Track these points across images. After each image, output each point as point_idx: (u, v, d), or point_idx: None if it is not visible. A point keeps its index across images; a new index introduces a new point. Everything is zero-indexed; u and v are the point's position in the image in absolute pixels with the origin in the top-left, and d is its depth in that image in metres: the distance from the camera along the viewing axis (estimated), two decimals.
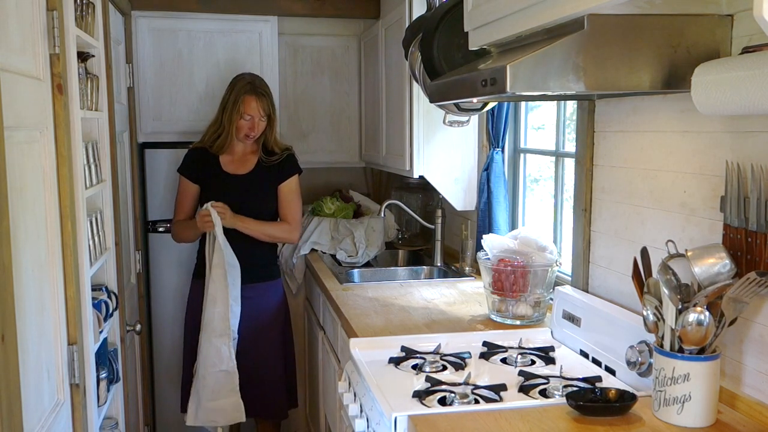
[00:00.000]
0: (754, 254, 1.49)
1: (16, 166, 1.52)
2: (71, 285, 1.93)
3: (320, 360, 3.16)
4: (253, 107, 2.97)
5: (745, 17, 1.53)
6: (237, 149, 3.10)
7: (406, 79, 3.05)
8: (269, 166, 3.09)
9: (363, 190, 4.35)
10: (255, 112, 2.98)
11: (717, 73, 1.39)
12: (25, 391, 1.49)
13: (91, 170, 2.33)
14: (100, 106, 2.50)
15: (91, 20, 2.37)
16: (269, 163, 3.08)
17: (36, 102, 1.74)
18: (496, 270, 2.39)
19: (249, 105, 2.97)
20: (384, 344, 2.17)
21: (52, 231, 1.84)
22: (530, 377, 1.89)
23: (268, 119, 3.04)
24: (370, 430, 1.84)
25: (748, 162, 1.52)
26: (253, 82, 3.02)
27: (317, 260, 3.50)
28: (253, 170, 3.07)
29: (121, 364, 2.69)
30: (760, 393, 1.55)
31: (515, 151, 3.05)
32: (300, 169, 3.16)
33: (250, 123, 2.99)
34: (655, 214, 1.89)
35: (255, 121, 2.99)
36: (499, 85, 1.51)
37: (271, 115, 3.04)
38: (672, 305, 1.54)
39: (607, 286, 2.14)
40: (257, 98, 2.98)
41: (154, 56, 3.63)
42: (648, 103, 1.91)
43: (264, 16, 3.74)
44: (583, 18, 1.48)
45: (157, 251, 3.66)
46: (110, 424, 2.57)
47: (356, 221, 3.67)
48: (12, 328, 1.36)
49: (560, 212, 2.66)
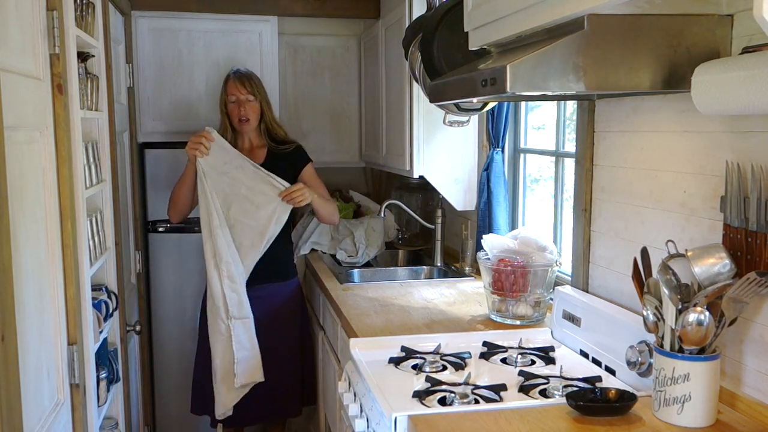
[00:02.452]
0: (754, 254, 1.49)
1: (16, 166, 1.52)
2: (71, 285, 1.93)
3: (320, 360, 3.16)
4: (235, 87, 3.04)
5: (745, 17, 1.53)
6: (244, 144, 3.11)
7: (406, 79, 3.05)
8: (280, 154, 3.08)
9: (363, 190, 4.35)
10: (236, 91, 3.04)
11: (717, 73, 1.39)
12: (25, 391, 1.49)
13: (91, 170, 2.33)
14: (100, 106, 2.50)
15: (91, 20, 2.38)
16: (279, 151, 3.09)
17: (36, 102, 1.74)
18: (496, 270, 2.39)
19: (231, 87, 3.05)
20: (384, 344, 2.17)
21: (52, 231, 1.84)
22: (530, 377, 1.89)
23: (257, 100, 3.06)
24: (370, 430, 1.84)
25: (748, 162, 1.52)
26: (236, 71, 3.12)
27: (317, 260, 3.50)
28: (264, 161, 3.06)
29: (121, 364, 2.69)
30: (760, 393, 1.55)
31: (515, 151, 3.05)
32: (311, 159, 3.17)
33: (237, 104, 3.04)
34: (655, 214, 1.89)
35: (241, 101, 3.03)
36: (499, 85, 1.51)
37: (257, 95, 3.06)
38: (672, 305, 1.54)
39: (607, 286, 2.14)
40: (238, 79, 3.06)
41: (154, 56, 3.63)
42: (648, 103, 1.91)
43: (264, 16, 3.74)
44: (583, 18, 1.48)
45: (157, 251, 3.66)
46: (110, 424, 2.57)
47: (356, 221, 3.68)
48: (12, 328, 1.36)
49: (560, 212, 2.66)
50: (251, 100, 3.04)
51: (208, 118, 3.61)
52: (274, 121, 3.15)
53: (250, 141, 3.11)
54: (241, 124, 3.04)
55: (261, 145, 3.11)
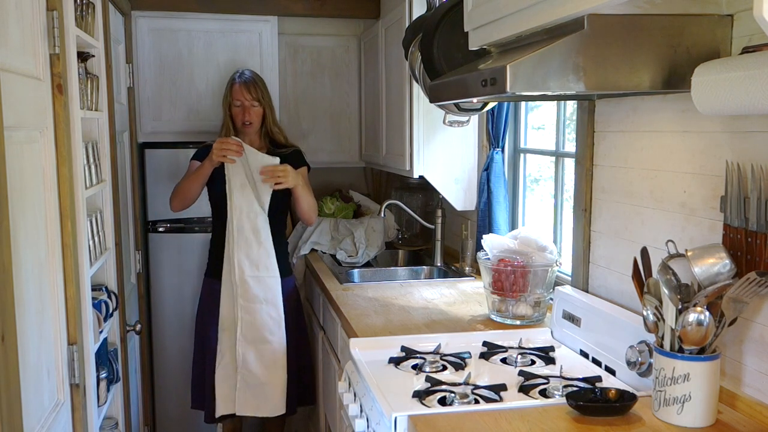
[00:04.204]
0: (754, 254, 1.49)
1: (16, 166, 1.52)
2: (71, 285, 1.93)
3: (320, 360, 3.16)
4: (240, 92, 3.09)
5: (745, 17, 1.53)
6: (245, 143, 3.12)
7: (406, 79, 3.06)
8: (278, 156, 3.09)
9: (363, 190, 4.35)
10: (242, 96, 3.09)
11: (717, 73, 1.39)
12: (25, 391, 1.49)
13: (91, 170, 2.33)
14: (100, 106, 2.50)
15: (91, 20, 2.38)
16: (277, 154, 3.10)
17: (36, 102, 1.74)
18: (496, 270, 2.39)
19: (236, 91, 3.10)
20: (384, 344, 2.17)
21: (52, 231, 1.84)
22: (530, 377, 1.89)
23: (261, 106, 3.10)
24: (370, 430, 1.84)
25: (748, 162, 1.52)
26: (242, 73, 3.17)
27: (317, 260, 3.50)
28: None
29: (121, 364, 2.69)
30: (760, 393, 1.55)
31: (515, 151, 3.05)
32: (308, 164, 3.19)
33: (242, 109, 3.09)
34: (655, 214, 1.89)
35: (245, 105, 3.09)
36: (499, 85, 1.51)
37: (261, 101, 3.11)
38: (672, 305, 1.54)
39: (607, 286, 2.14)
40: (244, 84, 3.11)
41: (154, 56, 3.63)
42: (648, 103, 1.91)
43: (264, 16, 3.74)
44: (583, 18, 1.48)
45: (157, 251, 3.66)
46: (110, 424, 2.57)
47: (356, 221, 3.68)
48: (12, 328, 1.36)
49: (560, 212, 2.66)
50: (255, 106, 3.10)
51: (208, 118, 3.62)
52: (276, 125, 3.18)
53: (250, 141, 3.13)
54: (244, 127, 3.11)
55: (260, 147, 3.14)
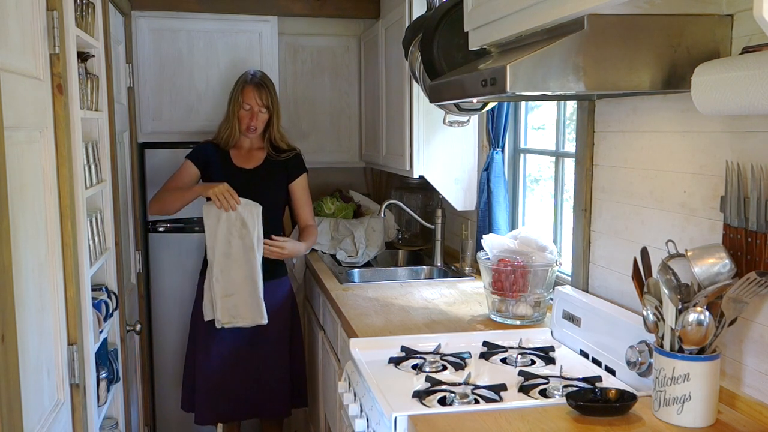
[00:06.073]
0: (754, 254, 1.49)
1: (16, 166, 1.52)
2: (71, 285, 1.93)
3: (320, 360, 3.16)
4: (252, 97, 3.04)
5: (745, 17, 1.53)
6: (244, 144, 3.14)
7: (406, 79, 3.06)
8: (277, 161, 3.12)
9: (363, 190, 4.35)
10: (253, 101, 3.04)
11: (717, 73, 1.39)
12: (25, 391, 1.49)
13: (91, 170, 2.33)
14: (100, 106, 2.50)
15: (91, 20, 2.37)
16: (277, 158, 3.12)
17: (36, 102, 1.74)
18: (496, 270, 2.39)
19: (247, 95, 3.05)
20: (384, 344, 2.17)
21: (52, 231, 1.83)
22: (530, 377, 1.89)
23: (269, 113, 3.08)
24: (370, 430, 1.84)
25: (748, 162, 1.52)
26: (255, 75, 3.12)
27: (317, 260, 3.50)
28: (261, 165, 3.10)
29: (121, 364, 2.69)
30: (760, 393, 1.55)
31: (515, 151, 3.05)
32: (306, 169, 3.20)
33: (250, 113, 3.05)
34: (655, 214, 1.89)
35: (254, 111, 3.05)
36: (499, 85, 1.51)
37: (270, 108, 3.08)
38: (672, 305, 1.54)
39: (607, 286, 2.14)
40: (256, 89, 3.05)
41: (154, 56, 3.63)
42: (648, 103, 1.91)
43: (264, 16, 3.74)
44: (583, 18, 1.48)
45: (157, 251, 3.66)
46: (110, 424, 2.57)
47: (356, 221, 3.68)
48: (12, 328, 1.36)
49: (560, 212, 2.66)
50: (263, 112, 3.07)
51: (208, 118, 3.62)
52: (279, 131, 3.15)
53: (250, 142, 3.14)
54: (248, 131, 3.08)
55: (260, 148, 3.14)
